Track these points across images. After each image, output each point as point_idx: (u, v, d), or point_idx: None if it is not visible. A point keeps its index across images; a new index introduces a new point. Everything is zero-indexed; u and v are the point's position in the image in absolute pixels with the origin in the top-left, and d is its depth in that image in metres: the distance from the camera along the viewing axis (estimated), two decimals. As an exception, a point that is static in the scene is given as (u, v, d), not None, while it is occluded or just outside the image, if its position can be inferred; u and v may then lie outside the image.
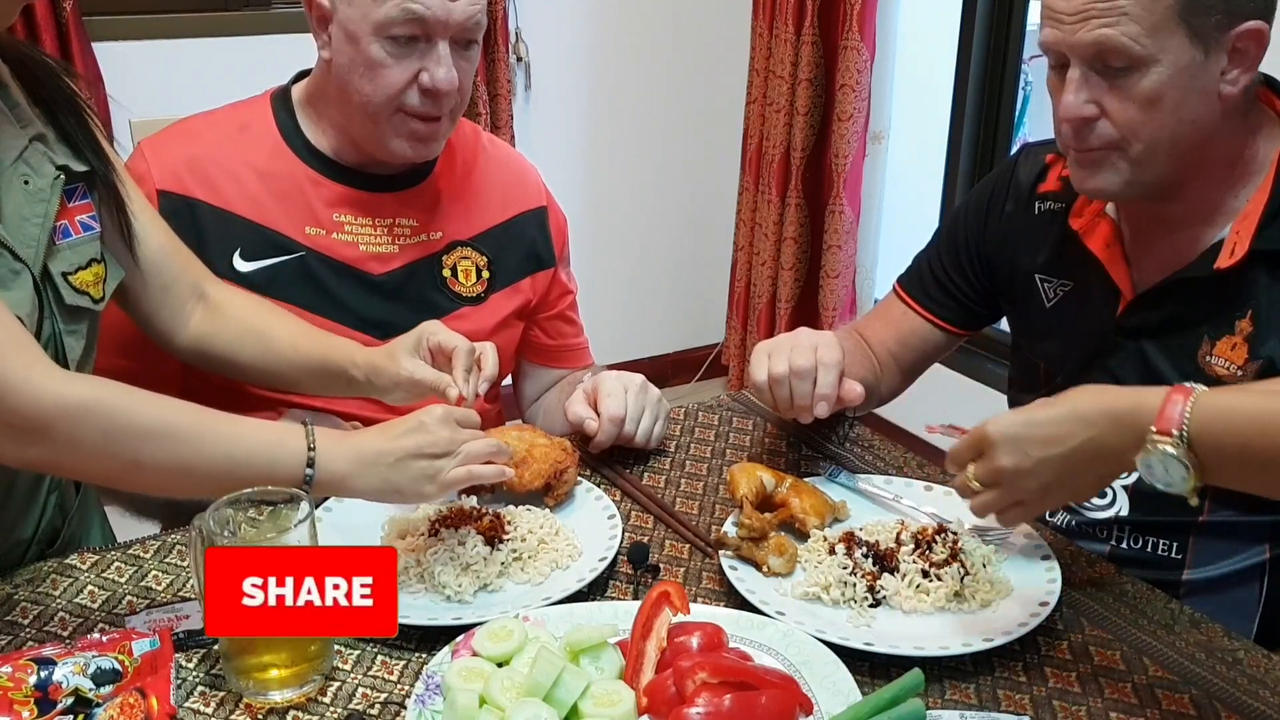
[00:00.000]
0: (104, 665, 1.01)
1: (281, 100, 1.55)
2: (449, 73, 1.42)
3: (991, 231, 1.53)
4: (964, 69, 3.15)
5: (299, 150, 1.52)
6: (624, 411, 1.44)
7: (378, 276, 1.54)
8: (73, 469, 1.19)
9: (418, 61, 1.42)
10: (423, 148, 1.49)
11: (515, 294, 1.64)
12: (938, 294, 1.59)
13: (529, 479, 1.31)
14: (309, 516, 1.03)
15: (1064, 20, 1.23)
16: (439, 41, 1.42)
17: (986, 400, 3.17)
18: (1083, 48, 1.22)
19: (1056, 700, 1.05)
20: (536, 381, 1.76)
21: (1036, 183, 1.49)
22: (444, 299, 1.57)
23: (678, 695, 0.96)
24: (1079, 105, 1.25)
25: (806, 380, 1.30)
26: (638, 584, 1.22)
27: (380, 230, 1.54)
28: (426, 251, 1.57)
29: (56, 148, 1.24)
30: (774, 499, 1.30)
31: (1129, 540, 1.40)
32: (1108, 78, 1.23)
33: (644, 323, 3.84)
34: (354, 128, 1.49)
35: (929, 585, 1.17)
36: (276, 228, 1.49)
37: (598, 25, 3.47)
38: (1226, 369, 1.30)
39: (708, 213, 3.77)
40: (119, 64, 2.81)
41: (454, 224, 1.59)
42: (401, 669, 1.08)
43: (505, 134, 3.27)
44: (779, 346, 1.34)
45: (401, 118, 1.45)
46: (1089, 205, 1.40)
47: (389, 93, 1.43)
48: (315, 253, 1.50)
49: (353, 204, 1.53)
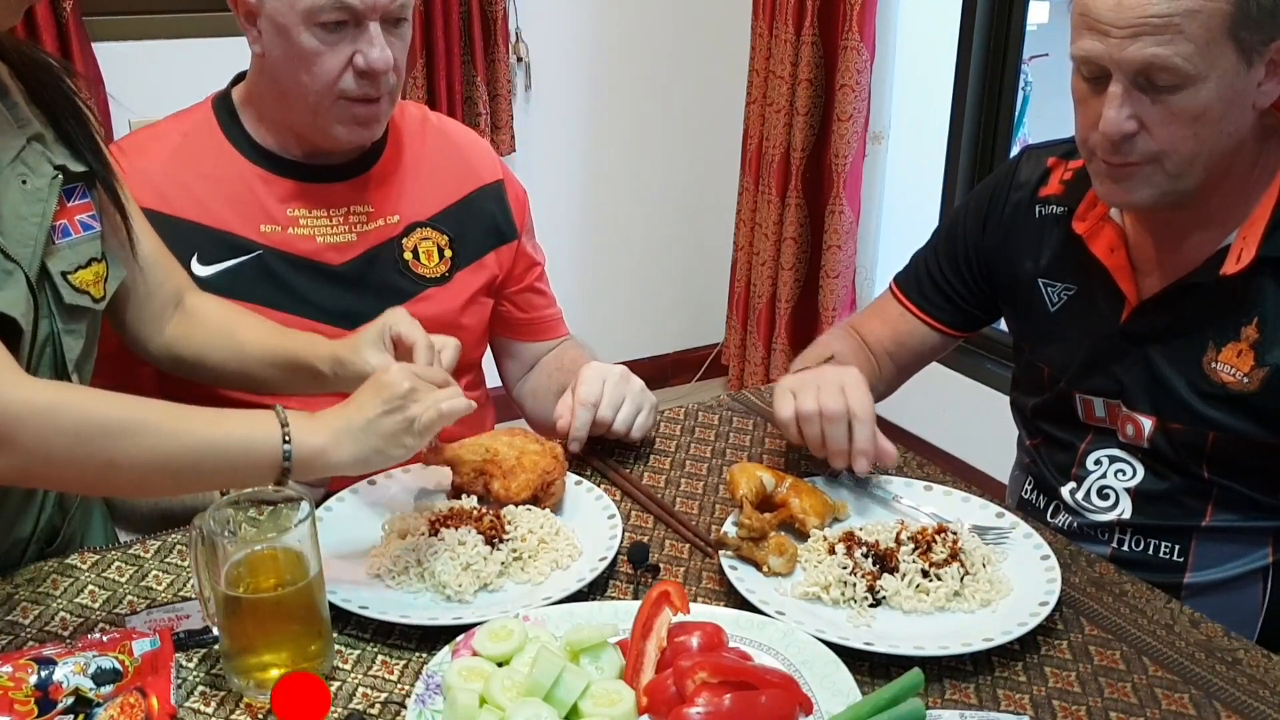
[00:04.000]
0: (104, 665, 1.01)
1: (222, 103, 1.55)
2: (383, 52, 1.42)
3: (991, 235, 1.52)
4: (964, 69, 3.15)
5: (245, 150, 1.52)
6: (598, 397, 1.43)
7: (338, 267, 1.53)
8: (45, 475, 1.14)
9: (350, 45, 1.42)
10: (364, 131, 1.49)
11: (480, 270, 1.63)
12: (935, 296, 1.59)
13: (516, 490, 1.30)
14: (309, 516, 1.03)
15: (1111, 34, 1.18)
16: (369, 22, 1.41)
17: (987, 400, 3.17)
18: (1131, 64, 1.18)
19: (1056, 700, 1.05)
20: (519, 359, 1.77)
21: (1038, 186, 1.47)
22: (408, 282, 1.57)
23: (678, 695, 0.96)
24: (1121, 121, 1.21)
25: (839, 425, 1.30)
26: (638, 584, 1.22)
27: (336, 220, 1.54)
28: (385, 237, 1.56)
29: (54, 148, 1.24)
30: (774, 499, 1.30)
31: (1130, 543, 1.40)
32: (1150, 93, 1.20)
33: (644, 323, 3.85)
34: (294, 119, 1.49)
35: (929, 585, 1.17)
36: (231, 229, 1.49)
37: (598, 25, 3.47)
38: (1232, 375, 1.29)
39: (708, 213, 3.77)
40: (119, 64, 2.81)
41: (410, 206, 1.59)
42: (402, 669, 1.08)
43: (505, 134, 3.27)
44: (804, 384, 1.34)
45: (342, 104, 1.45)
46: (1092, 209, 1.39)
47: (326, 80, 1.43)
48: (272, 250, 1.50)
49: (305, 197, 1.52)
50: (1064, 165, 1.46)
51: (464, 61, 3.17)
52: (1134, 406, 1.38)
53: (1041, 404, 1.50)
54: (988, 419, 3.11)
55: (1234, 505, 1.35)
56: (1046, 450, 1.51)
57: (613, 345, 3.73)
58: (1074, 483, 1.45)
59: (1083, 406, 1.43)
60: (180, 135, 1.53)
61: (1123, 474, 1.41)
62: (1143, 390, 1.37)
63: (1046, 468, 1.50)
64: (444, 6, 3.05)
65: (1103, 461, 1.42)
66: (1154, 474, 1.39)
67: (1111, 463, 1.42)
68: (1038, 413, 1.51)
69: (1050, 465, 1.49)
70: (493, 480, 1.31)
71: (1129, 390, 1.38)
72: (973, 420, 3.25)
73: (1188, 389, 1.33)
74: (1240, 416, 1.30)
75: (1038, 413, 1.51)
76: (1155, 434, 1.37)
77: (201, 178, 1.50)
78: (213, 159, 1.51)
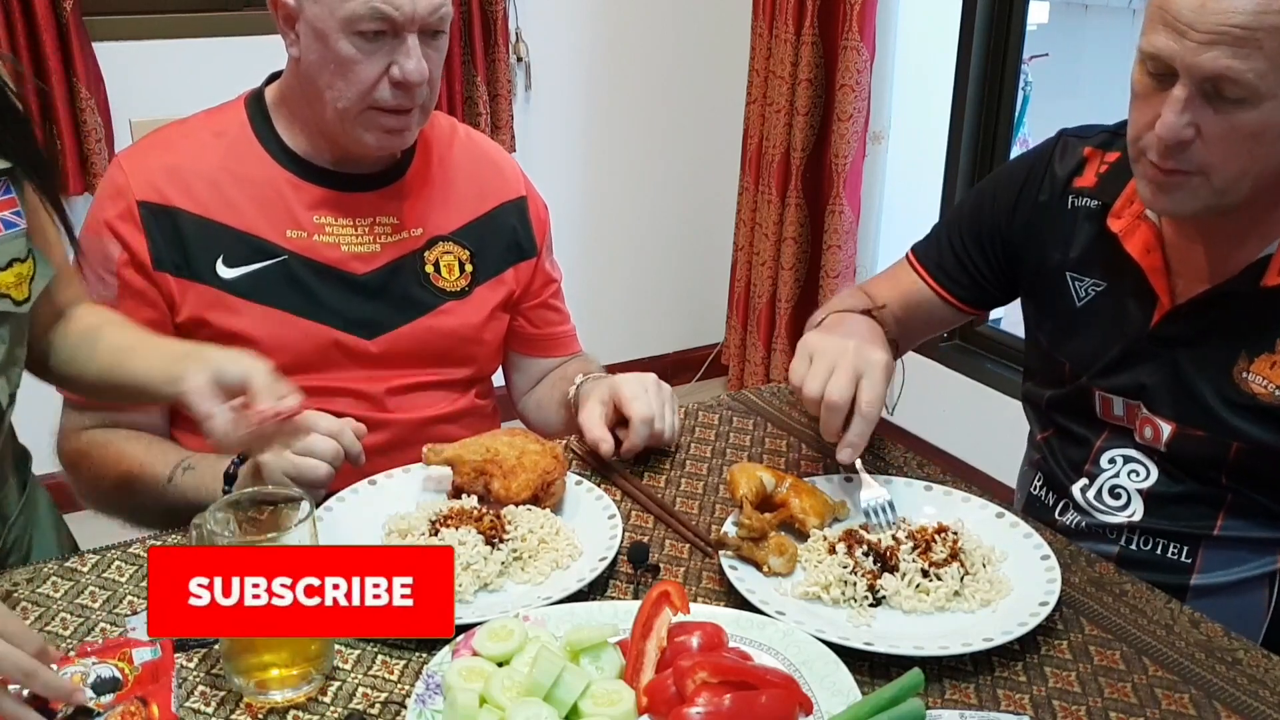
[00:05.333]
0: (104, 674, 1.00)
1: (256, 103, 1.54)
2: (419, 64, 1.41)
3: (1020, 218, 1.48)
4: (964, 69, 3.15)
5: (275, 154, 1.51)
6: (653, 411, 1.44)
7: (361, 276, 1.53)
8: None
9: (387, 56, 1.41)
10: (395, 140, 1.49)
11: (499, 286, 1.64)
12: (954, 270, 1.55)
13: (516, 490, 1.30)
14: (309, 516, 1.03)
15: (1189, 35, 1.13)
16: (407, 34, 1.41)
17: (987, 400, 3.17)
18: (1202, 71, 1.13)
19: (1056, 700, 1.05)
20: (526, 374, 1.76)
21: (1072, 176, 1.44)
22: (428, 295, 1.57)
23: (678, 695, 0.96)
24: (1179, 127, 1.16)
25: (836, 414, 1.28)
26: (638, 584, 1.22)
27: (361, 230, 1.53)
28: (408, 249, 1.56)
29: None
30: (774, 499, 1.30)
31: (1139, 542, 1.39)
32: (1215, 104, 1.15)
33: (644, 323, 3.85)
34: (325, 125, 1.48)
35: (929, 585, 1.17)
36: (258, 233, 1.49)
37: (598, 25, 3.47)
38: (1264, 388, 1.27)
39: (708, 213, 3.77)
40: (119, 64, 2.81)
41: (434, 219, 1.59)
42: (402, 669, 1.08)
43: (505, 134, 3.27)
44: (824, 354, 1.31)
45: (374, 113, 1.44)
46: (1129, 207, 1.36)
47: (361, 89, 1.42)
48: (298, 256, 1.50)
49: (332, 205, 1.52)
50: (1100, 157, 1.42)
51: (464, 61, 3.18)
52: (1155, 410, 1.36)
53: (1058, 396, 1.47)
54: (989, 419, 3.12)
55: (1247, 513, 1.34)
56: (1059, 444, 1.49)
57: (613, 345, 3.73)
58: (1086, 479, 1.43)
59: (1101, 403, 1.41)
60: (212, 134, 1.52)
61: (1136, 475, 1.39)
62: (1166, 394, 1.34)
63: (1058, 463, 1.48)
64: (444, 6, 3.05)
65: (1117, 460, 1.41)
66: (1168, 476, 1.37)
67: (1125, 463, 1.40)
68: (1053, 405, 1.48)
69: (1063, 460, 1.47)
70: (493, 480, 1.31)
71: (1151, 393, 1.36)
72: (973, 420, 3.25)
73: (1215, 397, 1.30)
74: (1268, 429, 1.28)
75: (1053, 405, 1.48)
76: (1174, 439, 1.35)
77: (232, 178, 1.49)
78: (244, 160, 1.50)
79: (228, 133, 1.52)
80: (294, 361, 1.44)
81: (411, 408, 1.56)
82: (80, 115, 2.77)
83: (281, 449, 1.26)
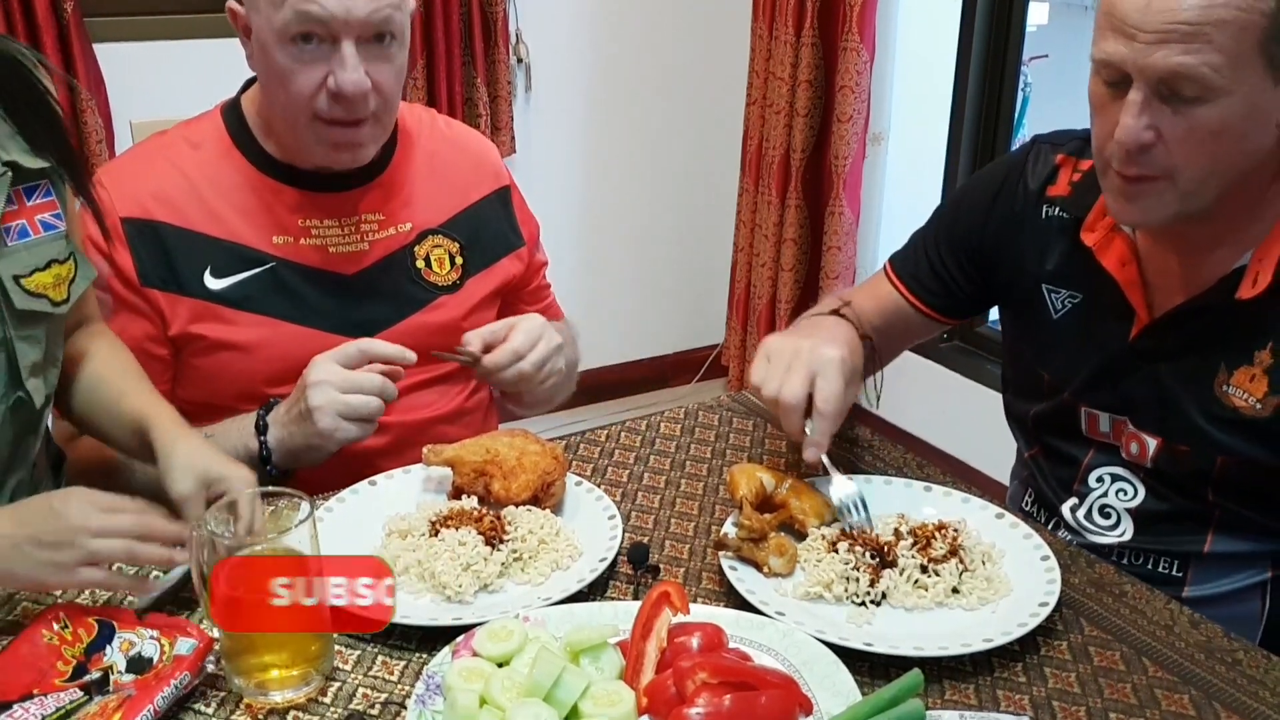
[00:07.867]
0: (146, 653, 1.00)
1: (232, 111, 1.53)
2: (354, 74, 1.36)
3: (994, 229, 1.47)
4: (964, 70, 3.15)
5: (255, 160, 1.50)
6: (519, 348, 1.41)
7: (350, 276, 1.52)
8: None
9: (324, 65, 1.37)
10: (345, 154, 1.45)
11: (490, 277, 1.63)
12: (930, 280, 1.54)
13: (516, 491, 1.30)
14: (309, 516, 1.03)
15: (1137, 37, 1.12)
16: (343, 42, 1.36)
17: (987, 401, 3.16)
18: (1154, 71, 1.12)
19: (1056, 700, 1.05)
20: None
21: (1045, 185, 1.42)
22: (420, 290, 1.56)
23: (678, 695, 0.96)
24: (1138, 131, 1.15)
25: (793, 415, 1.27)
26: (638, 584, 1.22)
27: (348, 229, 1.52)
28: (397, 245, 1.56)
29: (8, 143, 1.20)
30: (774, 499, 1.30)
31: (1130, 558, 1.39)
32: (1172, 104, 1.14)
33: (644, 323, 3.85)
34: (283, 134, 1.47)
35: (927, 581, 1.17)
36: (243, 241, 1.48)
37: (598, 26, 3.47)
38: (1244, 400, 1.26)
39: (708, 214, 3.77)
40: (119, 64, 2.81)
41: (421, 213, 1.58)
42: (402, 669, 1.08)
43: (505, 135, 3.27)
44: (780, 355, 1.31)
45: (320, 125, 1.41)
46: (1102, 219, 1.34)
47: (299, 100, 1.39)
48: (285, 261, 1.49)
49: (316, 207, 1.51)
50: (1073, 164, 1.41)
51: (464, 62, 3.17)
52: (1141, 426, 1.34)
53: (1043, 413, 1.46)
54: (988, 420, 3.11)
55: (1236, 528, 1.33)
56: (1047, 463, 1.47)
57: (613, 346, 3.74)
58: (1075, 499, 1.42)
59: (1087, 420, 1.40)
60: (189, 145, 1.51)
61: (1123, 493, 1.38)
62: (1152, 409, 1.33)
63: (1047, 482, 1.47)
64: (444, 7, 3.05)
65: (1104, 479, 1.40)
66: (1154, 494, 1.36)
67: (1113, 481, 1.39)
68: (1039, 423, 1.47)
69: (1051, 479, 1.46)
70: (493, 481, 1.31)
71: (1137, 408, 1.34)
72: (973, 421, 3.24)
73: (1198, 411, 1.29)
74: (1251, 442, 1.26)
75: (1039, 423, 1.47)
76: (1160, 454, 1.34)
77: (213, 188, 1.48)
78: (223, 169, 1.49)
79: (205, 143, 1.51)
80: (289, 368, 1.41)
81: (410, 407, 1.55)
82: (81, 116, 2.77)
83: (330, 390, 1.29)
